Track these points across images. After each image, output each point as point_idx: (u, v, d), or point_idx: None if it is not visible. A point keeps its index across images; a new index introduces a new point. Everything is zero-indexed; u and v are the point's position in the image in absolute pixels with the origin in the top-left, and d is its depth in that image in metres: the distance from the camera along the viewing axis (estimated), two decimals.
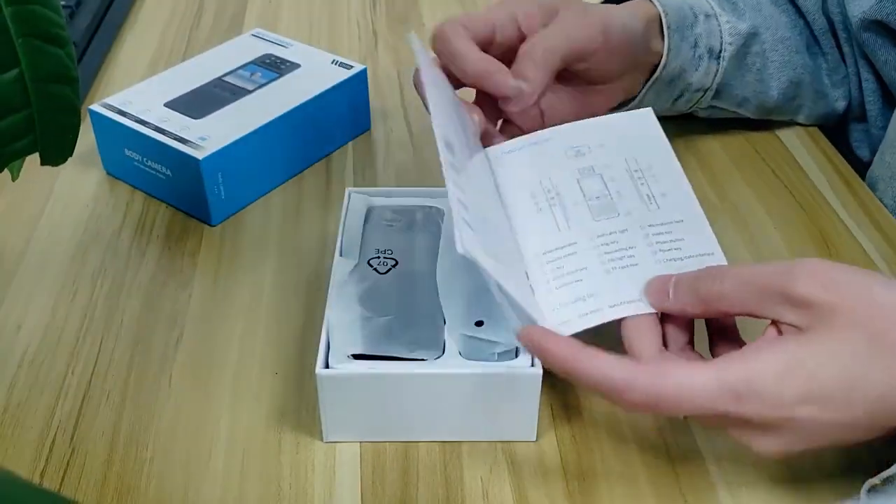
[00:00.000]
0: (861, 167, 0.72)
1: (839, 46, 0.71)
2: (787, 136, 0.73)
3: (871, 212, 0.66)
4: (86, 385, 0.53)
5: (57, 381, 0.54)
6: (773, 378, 0.40)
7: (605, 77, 0.60)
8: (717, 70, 0.66)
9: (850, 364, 0.40)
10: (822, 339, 0.41)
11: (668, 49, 0.63)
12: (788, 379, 0.40)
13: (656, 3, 0.63)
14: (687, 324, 0.47)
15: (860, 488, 0.44)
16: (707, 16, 0.66)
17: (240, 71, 0.72)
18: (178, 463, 0.49)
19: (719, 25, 0.66)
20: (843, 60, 0.72)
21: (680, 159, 0.71)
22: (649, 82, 0.64)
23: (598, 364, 0.42)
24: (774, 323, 0.43)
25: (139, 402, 0.52)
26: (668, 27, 0.63)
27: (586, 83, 0.60)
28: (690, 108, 0.69)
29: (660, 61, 0.63)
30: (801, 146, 0.73)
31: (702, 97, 0.68)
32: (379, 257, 0.54)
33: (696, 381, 0.41)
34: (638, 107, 0.66)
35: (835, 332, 0.40)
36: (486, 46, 0.56)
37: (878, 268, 0.61)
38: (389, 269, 0.53)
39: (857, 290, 0.41)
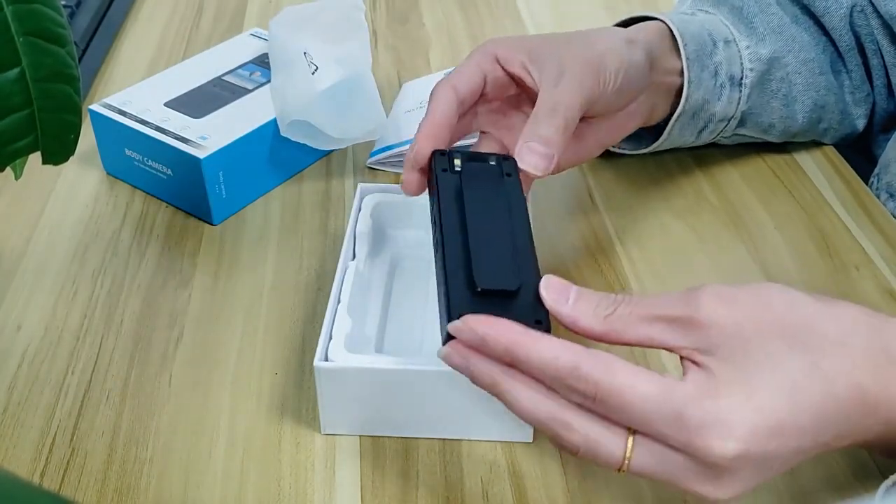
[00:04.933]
0: None
1: (865, 63, 0.70)
2: None
3: (871, 212, 0.66)
4: (86, 385, 0.53)
5: (57, 380, 0.54)
6: (725, 410, 0.38)
7: (609, 112, 0.58)
8: (740, 98, 0.65)
9: (789, 386, 0.38)
10: (749, 369, 0.39)
11: (689, 81, 0.62)
12: (739, 414, 0.38)
13: (674, 32, 0.61)
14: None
15: (862, 490, 0.44)
16: (727, 41, 0.64)
17: (239, 70, 0.72)
18: (178, 463, 0.49)
19: (739, 51, 0.64)
20: (869, 76, 0.70)
21: (680, 160, 0.71)
22: (673, 118, 0.63)
23: (545, 346, 0.39)
24: (685, 359, 0.41)
25: (139, 401, 0.52)
26: (688, 58, 0.61)
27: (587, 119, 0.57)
28: (714, 138, 0.68)
29: (679, 83, 0.62)
30: (800, 146, 0.73)
31: (726, 126, 0.67)
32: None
33: (639, 387, 0.38)
34: (663, 145, 0.66)
35: (757, 354, 0.39)
36: (475, 98, 0.55)
37: (878, 267, 0.61)
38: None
39: (756, 305, 0.40)
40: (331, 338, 0.49)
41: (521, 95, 0.56)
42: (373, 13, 0.94)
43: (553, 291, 0.42)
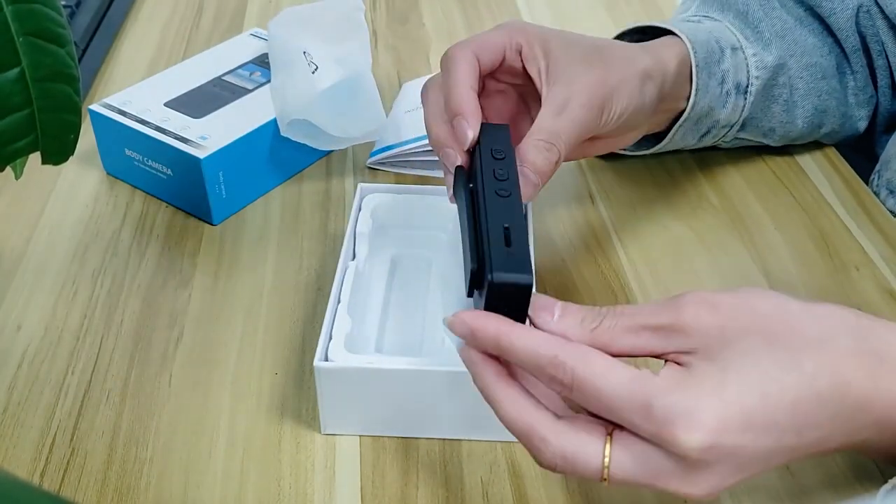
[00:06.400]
0: None
1: (870, 64, 0.70)
2: None
3: (870, 212, 0.66)
4: (86, 385, 0.53)
5: (57, 380, 0.54)
6: (692, 402, 0.38)
7: (607, 135, 0.58)
8: (745, 105, 0.65)
9: (760, 378, 0.38)
10: (725, 364, 0.39)
11: (696, 88, 0.62)
12: (705, 405, 0.38)
13: (685, 40, 0.61)
14: None
15: (862, 490, 0.44)
16: (734, 49, 0.64)
17: (239, 70, 0.72)
18: (178, 463, 0.49)
19: (746, 59, 0.64)
20: (873, 77, 0.70)
21: (682, 161, 0.71)
22: (678, 123, 0.63)
23: (528, 335, 0.40)
24: (669, 361, 0.41)
25: (139, 401, 0.52)
26: (697, 66, 0.61)
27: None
28: (716, 142, 0.68)
29: (686, 101, 0.62)
30: (801, 146, 0.73)
31: (728, 132, 0.67)
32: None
33: (611, 376, 0.39)
34: (664, 148, 0.67)
35: (735, 352, 0.39)
36: (490, 72, 0.55)
37: (878, 267, 0.61)
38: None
39: (739, 308, 0.40)
40: (331, 338, 0.49)
41: (524, 87, 0.57)
42: (373, 13, 0.94)
43: (538, 309, 0.42)
